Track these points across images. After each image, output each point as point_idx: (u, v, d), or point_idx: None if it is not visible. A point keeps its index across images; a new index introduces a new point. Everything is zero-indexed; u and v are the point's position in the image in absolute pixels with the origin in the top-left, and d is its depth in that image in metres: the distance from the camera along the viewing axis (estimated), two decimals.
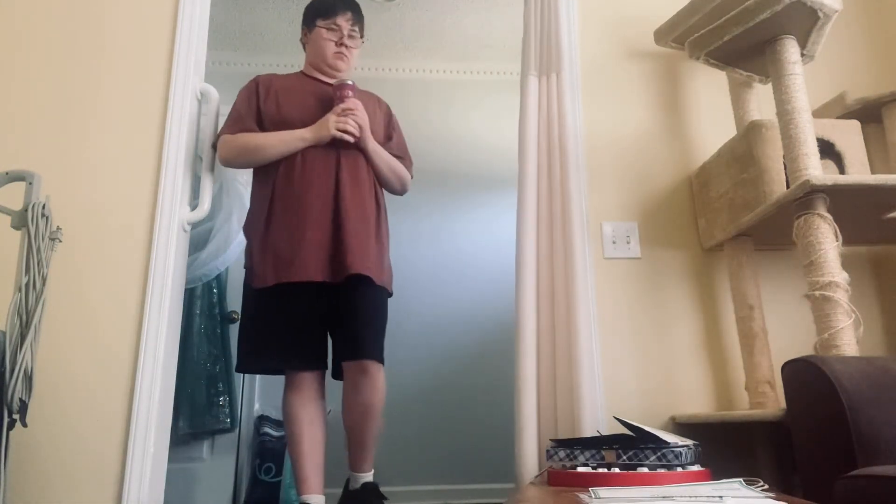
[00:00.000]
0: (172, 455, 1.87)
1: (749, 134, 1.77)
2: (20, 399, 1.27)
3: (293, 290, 1.73)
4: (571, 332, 1.77)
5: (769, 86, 1.89)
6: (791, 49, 1.70)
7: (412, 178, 2.07)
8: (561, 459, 1.50)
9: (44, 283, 1.33)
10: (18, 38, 1.96)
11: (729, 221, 1.84)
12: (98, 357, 1.71)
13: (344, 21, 1.95)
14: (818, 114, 2.09)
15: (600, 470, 1.40)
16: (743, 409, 1.85)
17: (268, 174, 1.87)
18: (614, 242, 2.00)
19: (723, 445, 1.78)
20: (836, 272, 1.49)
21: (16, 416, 1.27)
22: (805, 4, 1.61)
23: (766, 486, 1.18)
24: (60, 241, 1.40)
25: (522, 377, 1.77)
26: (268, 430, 2.84)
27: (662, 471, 1.35)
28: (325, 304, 1.78)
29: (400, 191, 2.03)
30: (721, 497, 1.00)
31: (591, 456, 1.46)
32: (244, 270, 1.87)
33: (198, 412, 2.66)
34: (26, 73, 1.93)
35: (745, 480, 1.18)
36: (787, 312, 1.95)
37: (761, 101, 2.03)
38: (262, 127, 1.90)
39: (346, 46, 1.96)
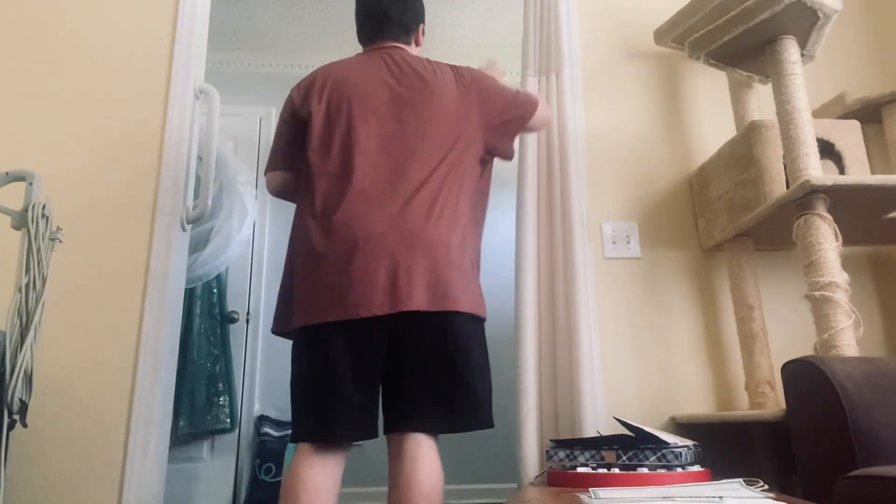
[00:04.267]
0: (172, 455, 1.87)
1: (749, 134, 1.77)
2: (20, 399, 1.27)
3: None
4: (571, 332, 1.77)
5: (769, 86, 1.89)
6: (791, 49, 1.70)
7: None
8: (561, 460, 1.50)
9: (44, 284, 1.33)
10: (19, 37, 1.96)
11: (729, 222, 1.84)
12: (98, 357, 1.72)
13: None
14: (818, 114, 2.09)
15: (600, 470, 1.40)
16: (743, 409, 1.85)
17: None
18: (614, 242, 2.00)
19: (723, 445, 1.78)
20: (836, 272, 1.49)
21: (16, 417, 1.27)
22: (805, 4, 1.61)
23: (766, 487, 1.18)
24: (60, 242, 1.40)
25: (523, 376, 1.77)
26: (268, 430, 2.84)
27: (662, 471, 1.35)
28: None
29: None
30: (721, 497, 1.00)
31: (590, 456, 1.46)
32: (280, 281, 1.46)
33: (198, 412, 2.67)
34: (27, 73, 1.93)
35: (745, 481, 1.18)
36: (787, 312, 1.95)
37: (761, 101, 2.03)
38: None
39: None
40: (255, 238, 3.14)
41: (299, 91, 1.50)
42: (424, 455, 1.27)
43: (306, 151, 1.42)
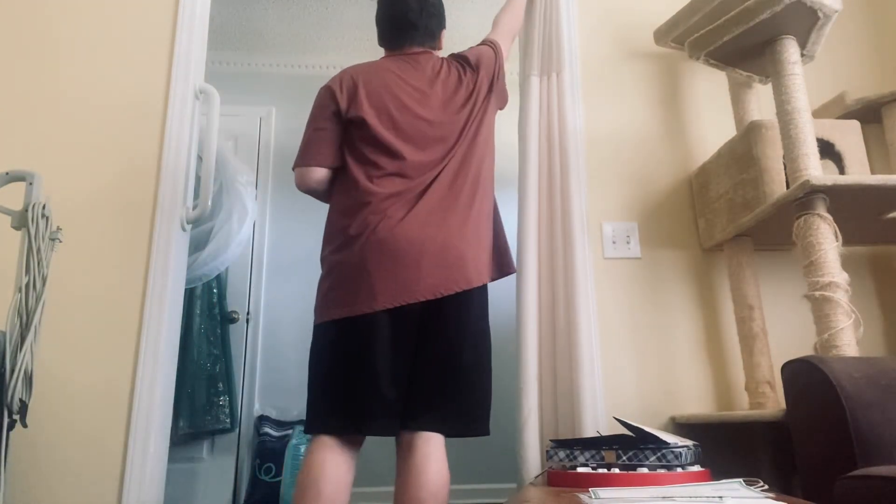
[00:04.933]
0: (172, 455, 1.87)
1: (749, 134, 1.77)
2: (20, 399, 1.27)
3: None
4: (572, 332, 1.76)
5: (769, 86, 1.89)
6: (791, 49, 1.70)
7: None
8: (561, 460, 1.50)
9: (44, 284, 1.33)
10: (18, 38, 1.96)
11: (729, 222, 1.84)
12: (98, 357, 1.71)
13: None
14: (818, 114, 2.09)
15: (600, 470, 1.40)
16: (743, 409, 1.85)
17: None
18: (614, 242, 2.00)
19: (723, 445, 1.78)
20: (836, 272, 1.49)
21: (16, 417, 1.27)
22: (805, 4, 1.61)
23: (766, 487, 1.18)
24: (60, 241, 1.40)
25: (524, 377, 1.77)
26: (268, 430, 2.84)
27: (662, 471, 1.35)
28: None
29: None
30: (721, 497, 1.00)
31: (591, 456, 1.46)
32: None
33: (198, 412, 2.67)
34: (27, 73, 1.93)
35: (745, 481, 1.18)
36: (787, 312, 1.95)
37: (761, 101, 2.03)
38: None
39: None
40: (255, 238, 3.14)
41: (342, 93, 1.53)
42: (434, 453, 1.31)
43: (361, 152, 1.48)
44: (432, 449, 1.32)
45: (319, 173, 1.52)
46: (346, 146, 1.51)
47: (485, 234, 1.49)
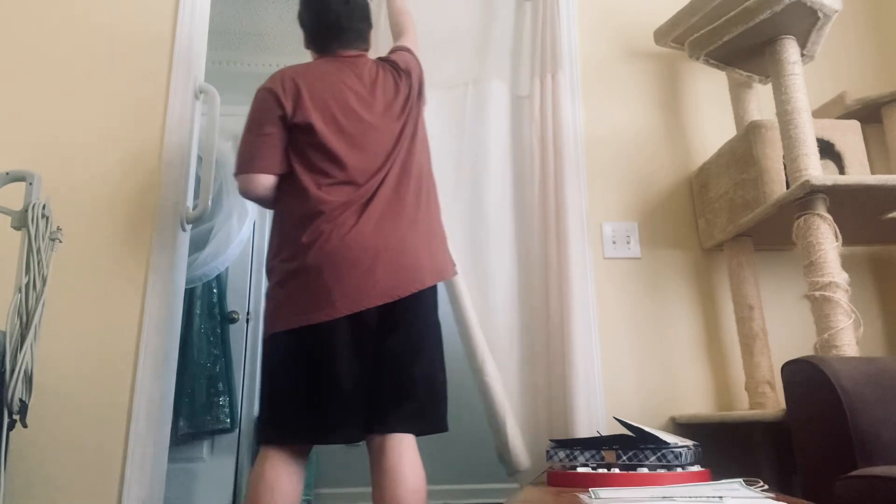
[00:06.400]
0: (172, 455, 1.87)
1: (749, 134, 1.77)
2: (20, 399, 1.27)
3: None
4: (565, 334, 1.76)
5: (769, 86, 1.89)
6: (791, 49, 1.70)
7: None
8: (561, 460, 1.50)
9: (44, 284, 1.33)
10: (19, 37, 1.96)
11: (729, 222, 1.84)
12: (98, 357, 1.71)
13: None
14: (818, 114, 2.09)
15: (600, 470, 1.40)
16: (743, 409, 1.85)
17: None
18: (614, 242, 2.00)
19: (723, 446, 1.78)
20: (836, 272, 1.49)
21: (16, 417, 1.27)
22: (805, 4, 1.61)
23: (766, 487, 1.18)
24: (60, 242, 1.40)
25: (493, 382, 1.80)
26: None
27: (662, 471, 1.35)
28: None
29: None
30: (721, 497, 1.00)
31: (590, 456, 1.46)
32: (263, 272, 1.69)
33: (198, 412, 2.67)
34: (27, 73, 1.93)
35: (745, 481, 1.18)
36: (787, 312, 1.95)
37: (761, 101, 2.03)
38: None
39: None
40: (255, 238, 3.13)
41: (286, 96, 1.48)
42: (406, 452, 1.32)
43: (309, 158, 1.45)
44: (405, 449, 1.32)
45: (267, 180, 1.47)
46: (293, 151, 1.47)
47: (435, 233, 1.50)
